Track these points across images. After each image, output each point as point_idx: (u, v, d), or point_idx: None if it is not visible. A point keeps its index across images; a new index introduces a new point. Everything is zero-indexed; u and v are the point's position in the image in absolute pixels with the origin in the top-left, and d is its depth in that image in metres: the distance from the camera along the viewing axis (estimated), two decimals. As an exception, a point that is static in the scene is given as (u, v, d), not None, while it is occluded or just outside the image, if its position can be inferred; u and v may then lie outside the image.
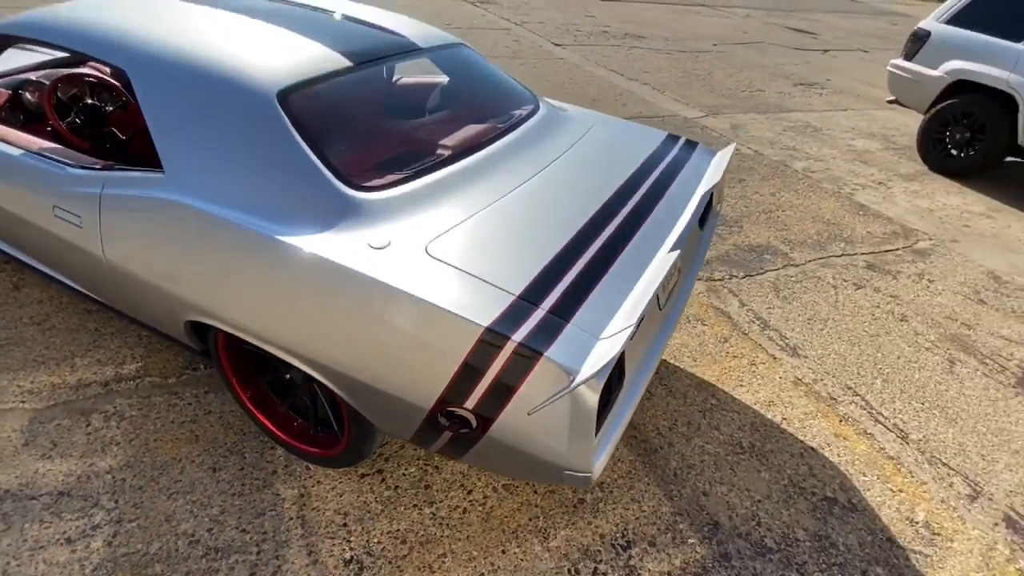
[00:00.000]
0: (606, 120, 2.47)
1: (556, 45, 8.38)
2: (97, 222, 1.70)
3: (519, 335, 1.22)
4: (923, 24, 5.09)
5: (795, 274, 3.28)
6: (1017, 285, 3.44)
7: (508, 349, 1.22)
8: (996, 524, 1.97)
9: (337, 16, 2.20)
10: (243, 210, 1.50)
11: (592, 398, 1.19)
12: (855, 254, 3.56)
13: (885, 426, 2.31)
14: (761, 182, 4.45)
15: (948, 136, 4.94)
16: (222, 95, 1.58)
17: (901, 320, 2.98)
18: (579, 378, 1.16)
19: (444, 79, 2.37)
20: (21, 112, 2.36)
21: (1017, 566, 1.84)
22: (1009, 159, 5.43)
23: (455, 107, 2.21)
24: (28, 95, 2.35)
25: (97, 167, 1.76)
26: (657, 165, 2.11)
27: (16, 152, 1.91)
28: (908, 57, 5.18)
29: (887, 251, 3.64)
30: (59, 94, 2.28)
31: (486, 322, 1.24)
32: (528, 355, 1.21)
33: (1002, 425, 2.38)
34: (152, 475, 1.80)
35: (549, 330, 1.25)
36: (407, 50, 2.07)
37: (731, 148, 2.27)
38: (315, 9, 2.23)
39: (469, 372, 1.27)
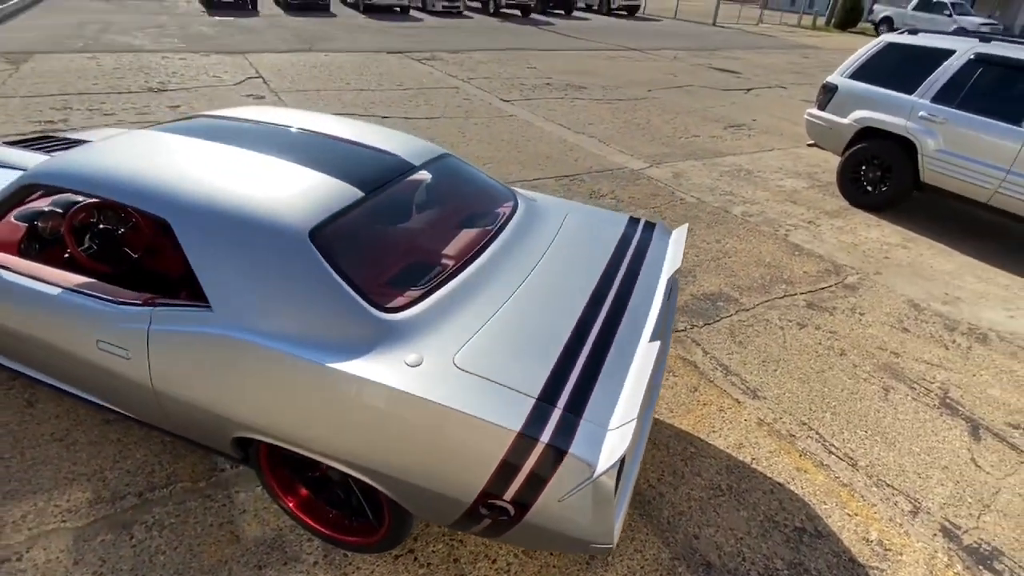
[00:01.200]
0: (575, 208, 2.81)
1: (504, 101, 8.87)
2: (145, 355, 1.89)
3: (546, 436, 1.50)
4: (830, 79, 5.78)
5: (747, 318, 3.69)
6: (933, 311, 3.96)
7: (538, 449, 1.50)
8: (935, 535, 2.34)
9: (331, 139, 2.45)
10: (290, 340, 1.73)
11: (610, 483, 1.48)
12: (795, 294, 4.02)
13: (837, 456, 2.68)
14: (707, 230, 4.92)
15: (863, 175, 5.59)
16: (260, 238, 1.82)
17: (841, 355, 3.42)
18: (599, 470, 1.45)
19: (434, 188, 2.66)
20: (36, 241, 2.50)
21: (955, 570, 2.21)
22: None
23: (449, 214, 2.49)
24: (43, 225, 2.50)
25: (138, 302, 1.95)
26: (626, 251, 2.46)
27: (48, 287, 2.07)
28: (821, 107, 5.85)
29: (822, 288, 4.13)
30: (74, 223, 2.45)
31: (517, 427, 1.51)
32: (555, 453, 1.49)
33: (931, 444, 2.80)
34: (203, 580, 1.96)
35: (568, 428, 1.54)
36: (405, 170, 2.36)
37: (684, 228, 2.65)
38: (312, 134, 2.47)
39: (506, 469, 1.53)
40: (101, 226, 2.57)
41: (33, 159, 3.07)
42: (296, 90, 8.50)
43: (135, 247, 2.67)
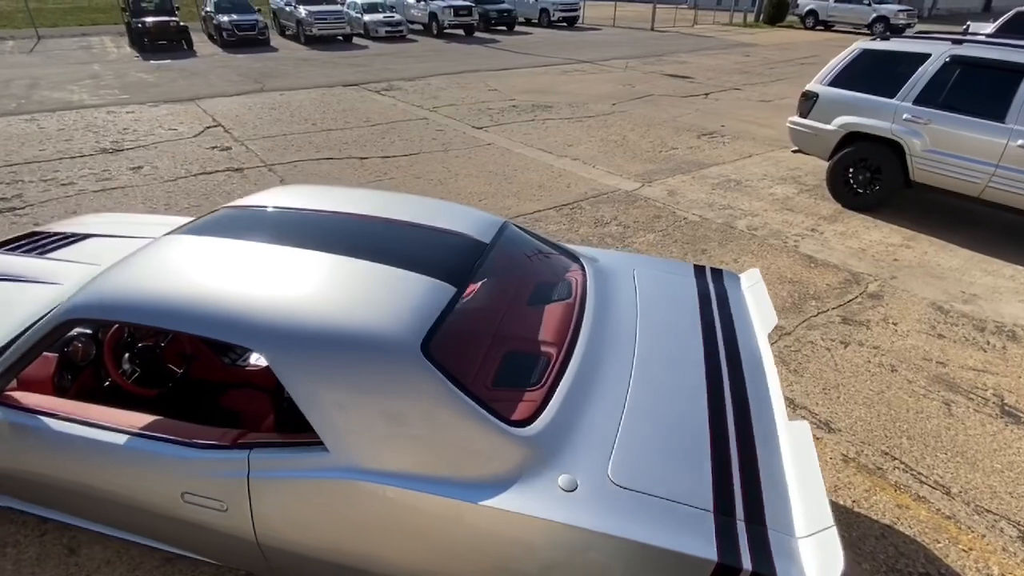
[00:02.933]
0: (638, 262, 2.71)
1: (477, 129, 8.77)
2: (247, 507, 1.67)
3: (746, 561, 1.38)
4: (810, 87, 5.93)
5: (792, 343, 3.68)
6: (958, 312, 4.06)
7: None
8: (1049, 559, 2.34)
9: (389, 224, 2.25)
10: (423, 478, 1.55)
11: None
12: (828, 310, 4.04)
13: (929, 485, 2.67)
14: (721, 249, 4.93)
15: (852, 177, 5.74)
16: (369, 362, 1.63)
17: (892, 371, 3.44)
18: None
19: (506, 264, 2.50)
20: (70, 371, 2.22)
21: (1080, 595, 2.21)
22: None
23: (526, 291, 2.34)
24: (73, 351, 2.23)
25: (226, 443, 1.73)
26: (711, 308, 2.37)
27: (109, 434, 1.82)
28: (803, 115, 5.99)
29: (850, 301, 4.17)
30: (114, 345, 2.19)
31: (714, 555, 1.38)
32: None
33: (1010, 458, 2.82)
34: None
35: (760, 544, 1.42)
36: (481, 252, 2.20)
37: (755, 273, 2.60)
38: (365, 220, 2.26)
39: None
40: (139, 344, 2.31)
41: (34, 267, 2.76)
42: (262, 137, 8.15)
43: (177, 360, 2.42)
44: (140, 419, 1.88)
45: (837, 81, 5.71)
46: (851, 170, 5.73)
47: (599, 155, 7.52)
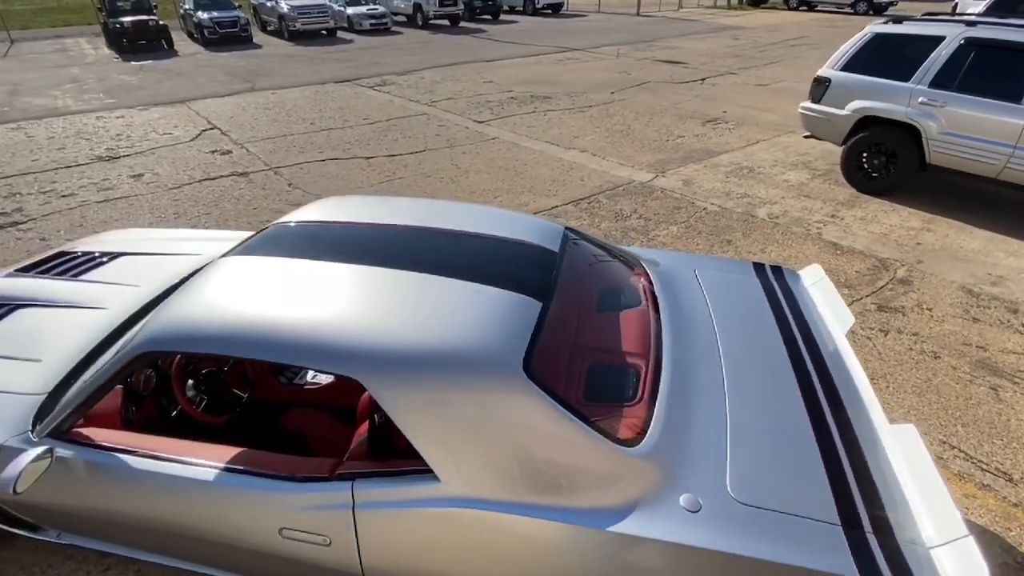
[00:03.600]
0: (696, 262, 2.68)
1: (479, 123, 8.66)
2: (353, 540, 1.62)
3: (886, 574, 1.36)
4: (822, 72, 5.91)
5: (832, 333, 3.68)
6: (988, 295, 4.09)
7: None
8: (1120, 542, 2.37)
9: (457, 236, 2.19)
10: (539, 504, 1.51)
11: None
12: (862, 298, 4.05)
13: (992, 473, 2.69)
14: (746, 239, 4.92)
15: (866, 162, 5.76)
16: (473, 386, 1.57)
17: (935, 358, 3.46)
18: None
19: (574, 271, 2.45)
20: (134, 403, 2.14)
21: None
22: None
23: (597, 298, 2.29)
24: (136, 384, 2.15)
25: (324, 475, 1.67)
26: (782, 308, 2.34)
27: (192, 469, 1.75)
28: (815, 100, 5.98)
29: (882, 288, 4.19)
30: (181, 373, 2.12)
31: (855, 573, 1.36)
32: None
33: (1065, 442, 2.86)
34: None
35: (895, 558, 1.40)
36: (553, 261, 2.15)
37: (817, 270, 2.58)
38: (430, 232, 2.19)
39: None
40: (204, 371, 2.24)
41: (74, 291, 2.66)
42: (261, 139, 7.98)
43: (240, 384, 2.35)
44: (223, 451, 1.81)
45: (850, 66, 5.70)
46: (865, 154, 5.74)
47: (607, 146, 7.47)
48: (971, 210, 5.43)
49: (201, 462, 1.76)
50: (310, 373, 2.73)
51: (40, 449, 1.73)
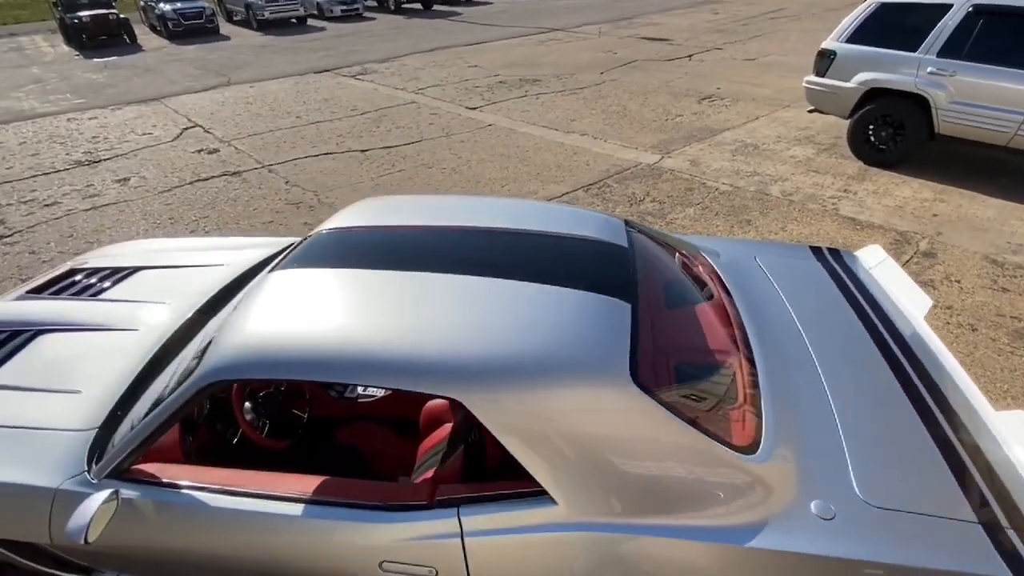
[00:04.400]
0: (755, 248, 2.60)
1: (472, 109, 8.46)
2: (463, 569, 1.51)
3: None
4: (826, 44, 5.85)
5: (868, 311, 3.66)
6: (1012, 264, 4.11)
7: None
8: None
9: (520, 235, 2.07)
10: (663, 522, 1.43)
11: None
12: (890, 273, 4.04)
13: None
14: (764, 218, 4.87)
15: (873, 134, 5.74)
16: (582, 398, 1.47)
17: (973, 330, 3.46)
18: None
19: (644, 266, 2.34)
20: (190, 432, 1.99)
21: None
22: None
23: (670, 293, 2.20)
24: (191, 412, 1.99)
25: (423, 502, 1.56)
26: (852, 294, 2.28)
27: (271, 503, 1.63)
28: (820, 73, 5.92)
29: (908, 261, 4.18)
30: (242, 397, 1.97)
31: (1009, 574, 1.31)
32: None
33: (1115, 409, 2.87)
34: None
35: None
36: (626, 257, 2.04)
37: (876, 249, 2.52)
38: (489, 233, 2.07)
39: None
40: (261, 393, 2.09)
41: (96, 312, 2.48)
42: (248, 135, 7.68)
43: (297, 403, 2.21)
44: (303, 481, 1.68)
45: (855, 37, 5.65)
46: (872, 127, 5.72)
47: (607, 128, 7.35)
48: (980, 179, 5.45)
49: (283, 494, 1.63)
50: (359, 387, 2.60)
51: (106, 493, 1.58)
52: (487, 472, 1.74)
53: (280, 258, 2.10)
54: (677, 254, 2.38)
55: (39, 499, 1.72)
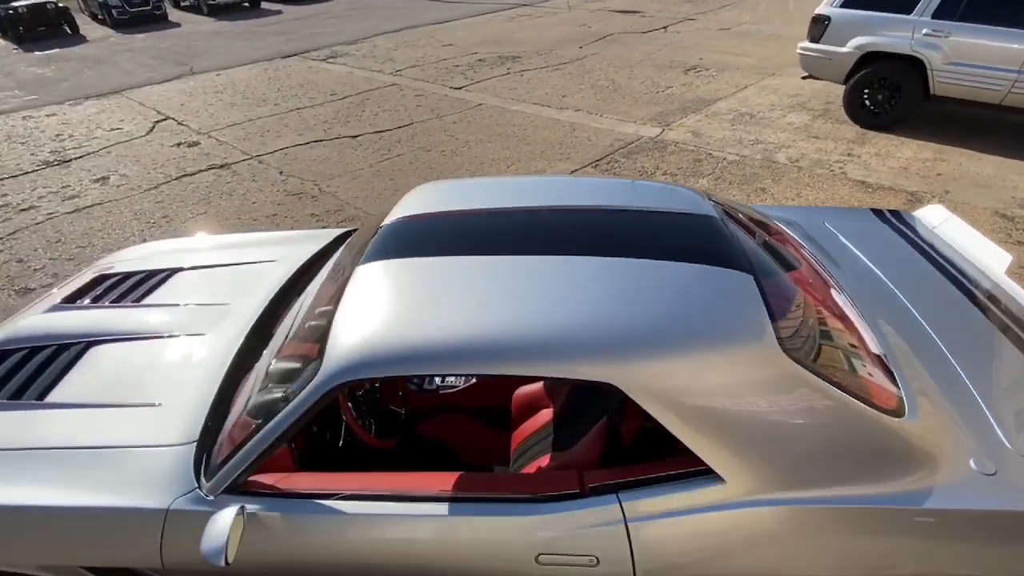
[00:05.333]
0: (819, 214, 2.61)
1: (458, 89, 8.26)
2: (627, 555, 1.47)
3: None
4: (820, 10, 5.90)
5: (898, 270, 3.74)
6: (1022, 218, 4.26)
7: None
8: None
9: (615, 213, 2.00)
10: (835, 494, 1.42)
11: None
12: (911, 233, 4.14)
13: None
14: (777, 186, 4.92)
15: (868, 98, 5.84)
16: (739, 375, 1.44)
17: (1000, 283, 3.57)
18: None
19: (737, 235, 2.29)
20: (291, 440, 1.87)
21: None
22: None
23: (772, 259, 2.15)
24: None
25: (574, 490, 1.51)
26: (929, 253, 2.31)
27: (412, 505, 1.55)
28: (815, 39, 5.97)
29: (924, 220, 4.28)
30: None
31: None
32: None
33: None
34: None
35: None
36: (723, 227, 1.99)
37: (938, 208, 2.56)
38: (583, 211, 2.00)
39: None
40: (360, 392, 1.99)
41: (150, 320, 2.31)
42: (227, 125, 7.32)
43: (395, 401, 2.12)
44: (438, 479, 1.61)
45: (849, 1, 5.70)
46: (867, 91, 5.82)
47: (600, 103, 7.28)
48: (974, 138, 5.61)
49: (423, 494, 1.56)
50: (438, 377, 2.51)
51: (234, 509, 1.48)
52: (624, 455, 1.69)
53: (356, 250, 1.99)
54: (756, 223, 2.36)
55: (148, 522, 1.60)
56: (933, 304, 1.99)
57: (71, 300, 2.56)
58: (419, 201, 2.19)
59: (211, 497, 1.59)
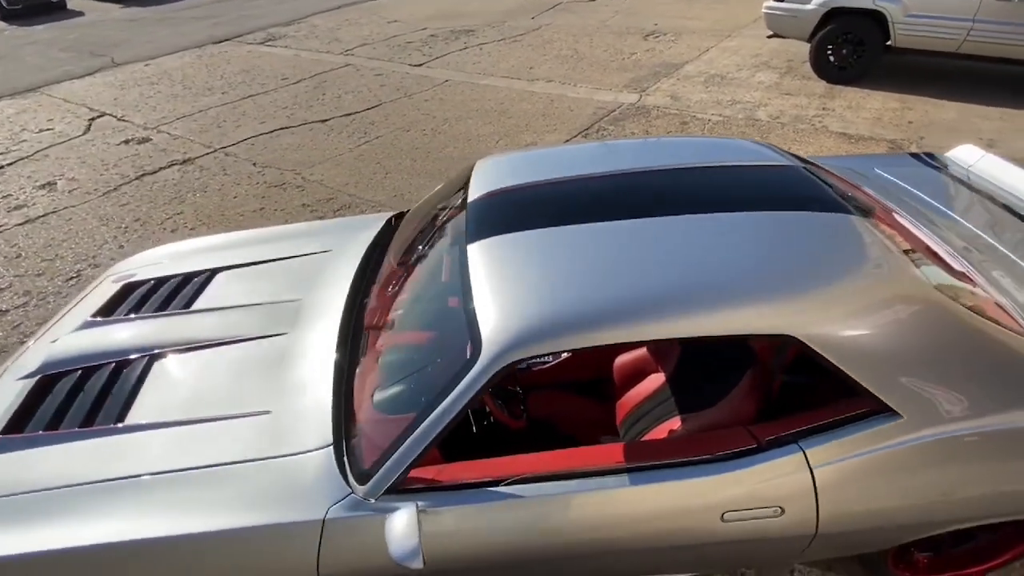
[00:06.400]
0: (865, 163, 2.69)
1: (418, 67, 7.98)
2: (811, 501, 1.49)
3: None
4: (785, -31, 6.05)
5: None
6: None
7: None
8: None
9: (707, 170, 2.01)
10: (995, 422, 1.49)
11: None
12: (902, 178, 4.37)
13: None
14: (767, 141, 5.05)
15: (833, 54, 6.07)
16: (903, 313, 1.48)
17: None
18: None
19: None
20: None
21: None
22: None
23: (857, 203, 2.20)
24: None
25: (752, 445, 1.51)
26: (977, 191, 2.44)
27: (582, 483, 1.50)
28: (779, -2, 6.14)
29: (910, 165, 4.53)
30: None
31: None
32: None
33: None
34: None
35: None
36: (809, 174, 2.01)
37: (974, 149, 2.70)
38: (668, 171, 1.99)
39: None
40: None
41: (213, 325, 2.11)
42: (176, 118, 6.77)
43: (510, 381, 2.04)
44: (602, 452, 1.57)
45: (812, -41, 5.87)
46: (831, 47, 6.05)
47: (570, 72, 7.22)
48: (933, 86, 5.93)
49: (598, 468, 1.52)
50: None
51: (411, 508, 1.38)
52: (773, 406, 1.71)
53: (443, 231, 1.92)
54: (823, 170, 2.42)
55: (303, 535, 1.48)
56: (1008, 235, 2.10)
57: (105, 314, 2.30)
58: (495, 175, 2.10)
59: (372, 500, 1.48)
